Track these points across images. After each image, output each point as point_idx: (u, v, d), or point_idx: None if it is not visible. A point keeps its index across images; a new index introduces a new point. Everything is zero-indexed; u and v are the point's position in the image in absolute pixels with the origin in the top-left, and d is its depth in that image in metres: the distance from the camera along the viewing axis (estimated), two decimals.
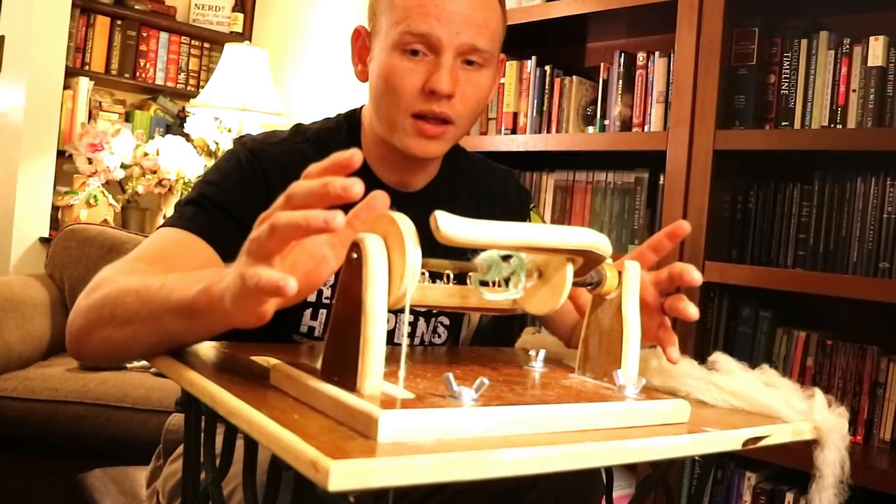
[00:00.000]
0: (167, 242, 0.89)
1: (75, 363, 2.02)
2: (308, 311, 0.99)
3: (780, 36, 1.54)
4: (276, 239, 0.56)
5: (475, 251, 0.67)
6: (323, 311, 0.99)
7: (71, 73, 2.86)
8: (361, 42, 1.01)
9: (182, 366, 0.68)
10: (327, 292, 0.99)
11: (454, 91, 0.92)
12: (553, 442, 0.55)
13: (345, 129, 1.04)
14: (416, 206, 0.83)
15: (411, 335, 1.01)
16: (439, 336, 1.09)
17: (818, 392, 0.75)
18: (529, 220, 1.14)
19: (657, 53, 1.72)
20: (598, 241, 0.68)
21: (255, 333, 1.03)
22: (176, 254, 0.87)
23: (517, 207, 1.15)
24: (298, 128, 1.04)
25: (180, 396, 1.16)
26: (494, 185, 1.13)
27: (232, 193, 0.93)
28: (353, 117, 1.05)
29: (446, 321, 1.08)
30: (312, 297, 0.98)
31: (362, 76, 1.01)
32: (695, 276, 0.80)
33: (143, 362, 2.01)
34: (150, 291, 0.69)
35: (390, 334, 1.01)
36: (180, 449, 1.03)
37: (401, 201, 0.98)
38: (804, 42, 1.50)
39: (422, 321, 1.06)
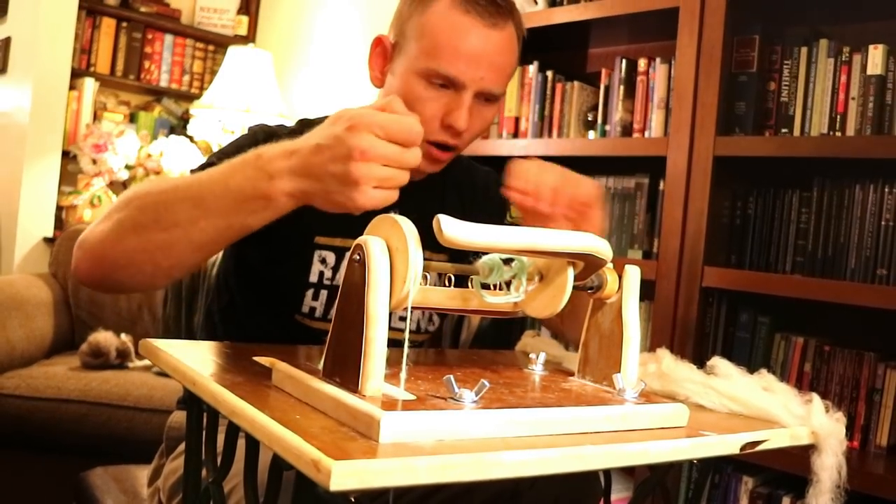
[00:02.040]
0: (177, 181, 0.92)
1: (78, 362, 2.02)
2: (310, 292, 1.02)
3: (780, 44, 1.55)
4: (379, 158, 0.69)
5: (477, 254, 0.68)
6: (324, 292, 1.02)
7: (76, 75, 2.87)
8: (382, 50, 1.05)
9: (185, 365, 0.68)
10: (328, 273, 1.02)
11: (469, 127, 0.98)
12: (553, 444, 0.55)
13: None
14: (412, 199, 0.89)
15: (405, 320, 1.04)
16: (433, 323, 1.12)
17: (816, 397, 0.76)
18: (510, 214, 1.19)
19: (658, 60, 1.73)
20: (598, 246, 0.68)
21: (259, 315, 1.04)
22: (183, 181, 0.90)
23: (500, 202, 1.17)
24: (304, 121, 1.09)
25: (182, 395, 1.17)
26: (479, 185, 1.19)
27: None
28: None
29: None
30: (314, 278, 1.02)
31: (377, 82, 1.06)
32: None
33: (146, 361, 2.02)
34: (196, 189, 0.76)
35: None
36: (182, 447, 1.04)
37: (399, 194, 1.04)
38: (804, 50, 1.51)
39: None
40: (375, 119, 0.70)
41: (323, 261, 1.02)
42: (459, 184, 1.16)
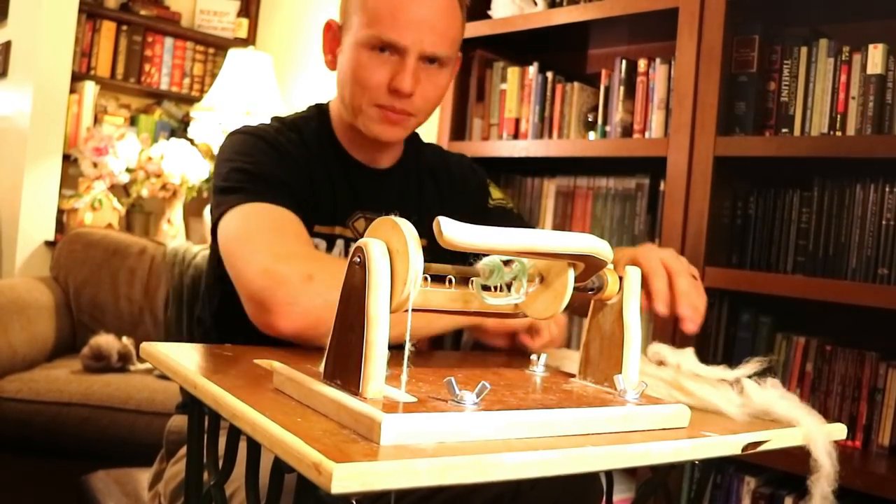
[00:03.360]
0: (273, 219, 0.95)
1: (79, 365, 2.03)
2: None
3: (780, 43, 1.55)
4: None
5: (477, 256, 0.68)
6: None
7: (77, 78, 2.88)
8: (332, 34, 1.11)
9: (186, 369, 0.68)
10: None
11: (415, 90, 1.01)
12: (554, 446, 0.55)
13: (316, 117, 1.14)
14: (388, 180, 0.99)
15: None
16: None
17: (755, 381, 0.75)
18: (490, 194, 1.23)
19: (658, 60, 1.73)
20: (599, 247, 0.68)
21: (245, 319, 1.05)
22: (289, 229, 0.95)
23: (476, 186, 1.24)
24: (277, 118, 1.14)
25: (182, 399, 1.17)
26: (454, 171, 1.22)
27: (269, 163, 1.02)
28: (322, 107, 1.17)
29: None
30: None
31: (331, 65, 1.12)
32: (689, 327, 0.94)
33: (147, 364, 2.02)
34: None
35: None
36: (183, 450, 1.04)
37: (373, 176, 1.12)
38: (804, 50, 1.51)
39: None
40: None
41: (315, 248, 1.03)
42: (433, 168, 1.19)
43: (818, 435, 0.70)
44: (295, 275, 0.85)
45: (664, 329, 1.54)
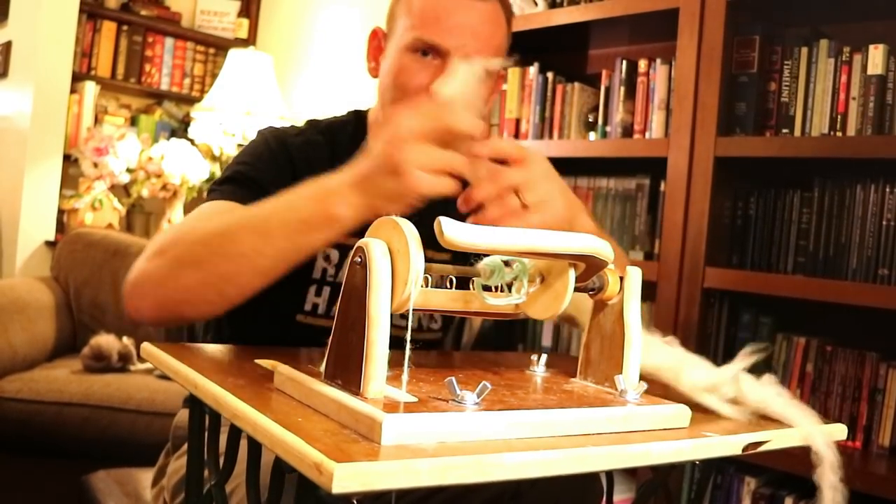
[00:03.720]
0: (217, 213, 0.94)
1: (80, 365, 2.03)
2: (313, 288, 1.04)
3: (780, 44, 1.55)
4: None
5: (478, 256, 0.68)
6: (327, 289, 1.04)
7: (77, 78, 2.88)
8: (377, 42, 1.09)
9: (187, 368, 0.68)
10: (331, 270, 1.04)
11: None
12: (555, 446, 0.55)
13: (353, 122, 1.12)
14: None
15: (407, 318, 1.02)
16: (436, 321, 1.13)
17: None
18: None
19: (658, 61, 1.73)
20: (600, 247, 0.68)
21: (261, 315, 1.05)
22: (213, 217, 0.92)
23: None
24: (312, 122, 1.13)
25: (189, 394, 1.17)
26: None
27: (264, 171, 1.01)
28: (360, 113, 1.14)
29: None
30: (318, 274, 1.04)
31: (374, 72, 1.10)
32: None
33: (148, 364, 2.02)
34: (260, 218, 0.79)
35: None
36: (186, 446, 1.04)
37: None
38: (804, 50, 1.51)
39: None
40: (408, 111, 0.74)
41: (327, 257, 1.04)
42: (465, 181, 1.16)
43: (817, 434, 0.70)
44: (144, 259, 0.83)
45: (664, 329, 1.54)
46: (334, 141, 1.08)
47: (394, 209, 0.74)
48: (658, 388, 0.73)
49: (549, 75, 1.93)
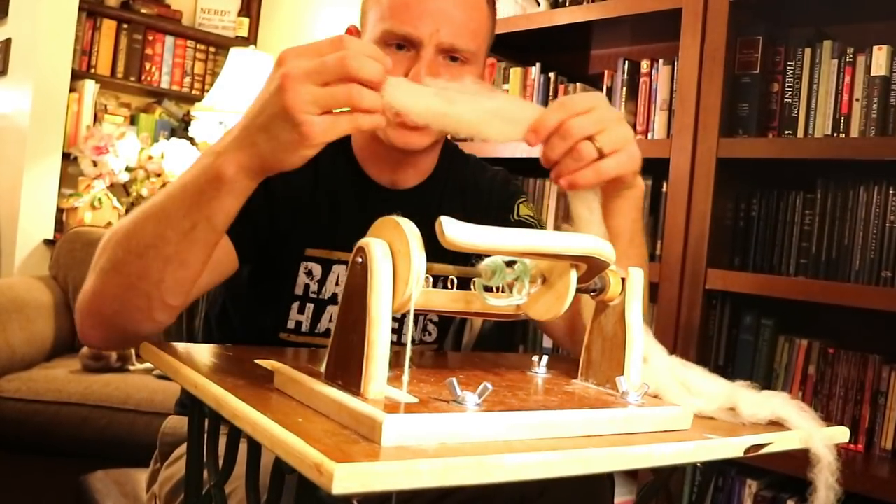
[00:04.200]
0: (133, 211, 0.89)
1: (78, 365, 2.02)
2: (295, 305, 1.00)
3: (783, 45, 1.54)
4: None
5: (479, 256, 0.68)
6: (310, 306, 1.00)
7: (77, 76, 2.87)
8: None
9: (186, 368, 0.68)
10: (314, 287, 1.00)
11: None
12: (556, 447, 0.55)
13: None
14: (407, 204, 0.83)
15: (397, 332, 1.00)
16: (430, 334, 1.10)
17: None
18: (517, 213, 1.13)
19: (661, 61, 1.73)
20: (601, 248, 0.68)
21: (246, 331, 1.03)
22: None
23: (501, 202, 1.13)
24: None
25: (179, 398, 1.17)
26: (482, 185, 1.13)
27: None
28: None
29: (435, 318, 1.09)
30: (300, 291, 1.00)
31: None
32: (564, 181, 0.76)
33: (146, 364, 2.02)
34: (157, 204, 0.73)
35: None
36: (177, 452, 1.03)
37: (392, 199, 1.02)
38: (808, 51, 1.51)
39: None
40: (294, 49, 0.67)
41: (309, 273, 0.99)
42: (464, 188, 1.11)
43: (816, 434, 0.69)
44: (86, 280, 0.78)
45: (665, 330, 1.54)
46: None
47: (289, 161, 0.68)
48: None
49: (551, 75, 1.93)
